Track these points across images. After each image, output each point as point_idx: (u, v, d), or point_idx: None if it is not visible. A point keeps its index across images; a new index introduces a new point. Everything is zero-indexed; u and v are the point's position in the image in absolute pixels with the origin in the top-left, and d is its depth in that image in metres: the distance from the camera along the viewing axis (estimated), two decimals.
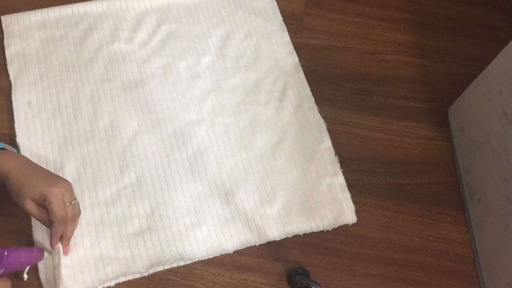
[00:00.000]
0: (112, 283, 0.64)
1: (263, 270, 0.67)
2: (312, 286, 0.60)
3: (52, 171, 0.69)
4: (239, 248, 0.68)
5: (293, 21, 0.87)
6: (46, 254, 0.64)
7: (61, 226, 0.62)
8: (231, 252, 0.68)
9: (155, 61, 0.80)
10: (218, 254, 0.67)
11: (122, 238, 0.67)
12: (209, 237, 0.68)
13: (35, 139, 0.72)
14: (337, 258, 0.69)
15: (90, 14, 0.82)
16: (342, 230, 0.70)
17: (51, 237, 0.63)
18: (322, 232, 0.70)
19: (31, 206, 0.61)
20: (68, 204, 0.62)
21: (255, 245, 0.68)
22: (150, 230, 0.68)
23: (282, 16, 0.86)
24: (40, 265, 0.64)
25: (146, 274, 0.65)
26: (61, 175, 0.68)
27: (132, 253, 0.66)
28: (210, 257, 0.67)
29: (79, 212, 0.66)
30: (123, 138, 0.73)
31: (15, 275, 0.61)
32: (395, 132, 0.79)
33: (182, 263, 0.66)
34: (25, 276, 0.62)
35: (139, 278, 0.65)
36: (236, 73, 0.80)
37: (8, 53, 0.78)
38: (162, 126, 0.75)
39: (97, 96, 0.76)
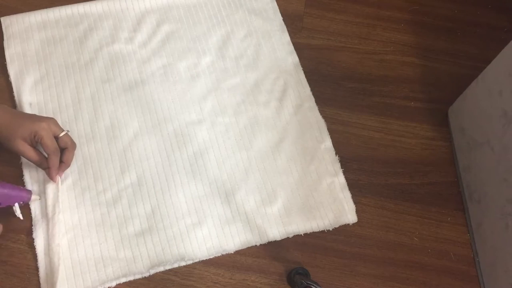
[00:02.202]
0: (113, 284, 0.64)
1: (263, 270, 0.67)
2: (312, 286, 0.60)
3: None
4: (239, 248, 0.68)
5: (293, 21, 0.87)
6: (34, 196, 0.66)
7: (56, 156, 0.65)
8: (232, 252, 0.68)
9: (155, 61, 0.80)
10: (219, 254, 0.68)
11: (123, 238, 0.67)
12: (210, 237, 0.68)
13: None
14: (337, 258, 0.69)
15: (90, 15, 0.82)
16: (342, 230, 0.71)
17: (49, 170, 0.66)
18: (322, 232, 0.70)
19: (23, 147, 0.63)
20: (61, 135, 0.66)
21: (255, 245, 0.68)
22: (151, 231, 0.68)
23: (282, 16, 0.86)
24: (40, 264, 0.65)
25: (147, 274, 0.65)
26: (62, 176, 0.68)
27: (133, 254, 0.66)
28: (211, 257, 0.67)
29: (74, 143, 0.68)
30: (124, 139, 0.73)
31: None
32: (395, 132, 0.79)
33: (183, 263, 0.66)
34: (19, 213, 0.65)
35: (139, 278, 0.65)
36: (236, 73, 0.80)
37: (8, 53, 0.78)
38: (163, 126, 0.75)
39: (98, 97, 0.76)
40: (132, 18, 0.83)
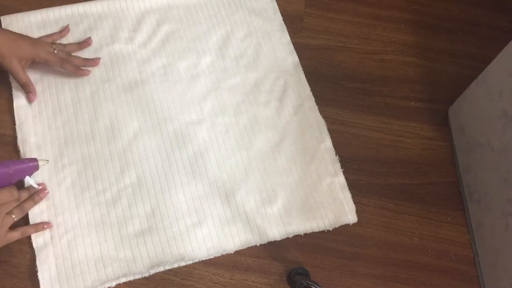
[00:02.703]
0: (113, 284, 0.64)
1: (263, 270, 0.67)
2: (312, 286, 0.60)
3: (53, 170, 0.70)
4: (239, 248, 0.68)
5: (293, 21, 0.87)
6: (41, 162, 0.66)
7: (69, 61, 0.75)
8: (232, 252, 0.68)
9: (155, 61, 0.80)
10: (219, 255, 0.68)
11: (122, 238, 0.67)
12: (210, 237, 0.68)
13: (35, 139, 0.72)
14: (337, 258, 0.69)
15: (90, 15, 0.82)
16: (342, 230, 0.71)
17: (74, 69, 0.76)
18: (322, 232, 0.70)
19: (16, 67, 0.71)
20: (56, 51, 0.74)
21: (255, 245, 0.68)
22: (151, 231, 0.68)
23: (282, 16, 0.86)
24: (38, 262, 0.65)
25: (146, 274, 0.65)
26: (61, 176, 0.70)
27: (132, 254, 0.66)
28: (211, 257, 0.67)
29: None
30: (124, 138, 0.73)
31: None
32: (395, 132, 0.79)
33: (183, 264, 0.66)
34: (34, 183, 0.66)
35: (139, 278, 0.65)
36: (236, 73, 0.80)
37: None
38: (163, 126, 0.75)
39: (98, 96, 0.76)
40: (132, 18, 0.83)
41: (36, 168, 0.65)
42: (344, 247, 0.70)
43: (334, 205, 0.71)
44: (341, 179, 0.73)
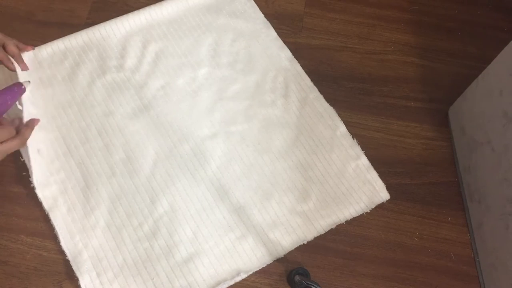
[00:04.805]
0: None
1: (263, 270, 0.67)
2: (312, 286, 0.60)
3: (83, 215, 0.68)
4: (290, 250, 0.68)
5: (293, 21, 0.87)
6: (25, 84, 0.67)
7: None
8: (282, 256, 0.67)
9: (152, 84, 0.78)
10: (271, 261, 0.67)
11: (173, 268, 0.65)
12: (257, 246, 0.67)
13: (56, 187, 0.69)
14: (337, 258, 0.69)
15: (71, 49, 0.79)
16: (342, 230, 0.71)
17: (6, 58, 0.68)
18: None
19: None
20: None
21: (303, 244, 0.68)
22: (199, 254, 0.66)
23: (282, 16, 0.86)
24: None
25: None
26: (93, 219, 0.68)
27: (187, 281, 0.65)
28: (264, 266, 0.67)
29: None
30: (144, 168, 0.71)
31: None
32: (395, 132, 0.79)
33: (239, 279, 0.65)
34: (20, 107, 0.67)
35: None
36: (235, 79, 0.80)
37: None
38: (180, 148, 0.73)
39: (105, 132, 0.73)
40: (116, 45, 0.80)
41: (24, 90, 0.66)
42: (344, 247, 0.70)
43: (365, 187, 0.72)
44: (364, 160, 0.74)
